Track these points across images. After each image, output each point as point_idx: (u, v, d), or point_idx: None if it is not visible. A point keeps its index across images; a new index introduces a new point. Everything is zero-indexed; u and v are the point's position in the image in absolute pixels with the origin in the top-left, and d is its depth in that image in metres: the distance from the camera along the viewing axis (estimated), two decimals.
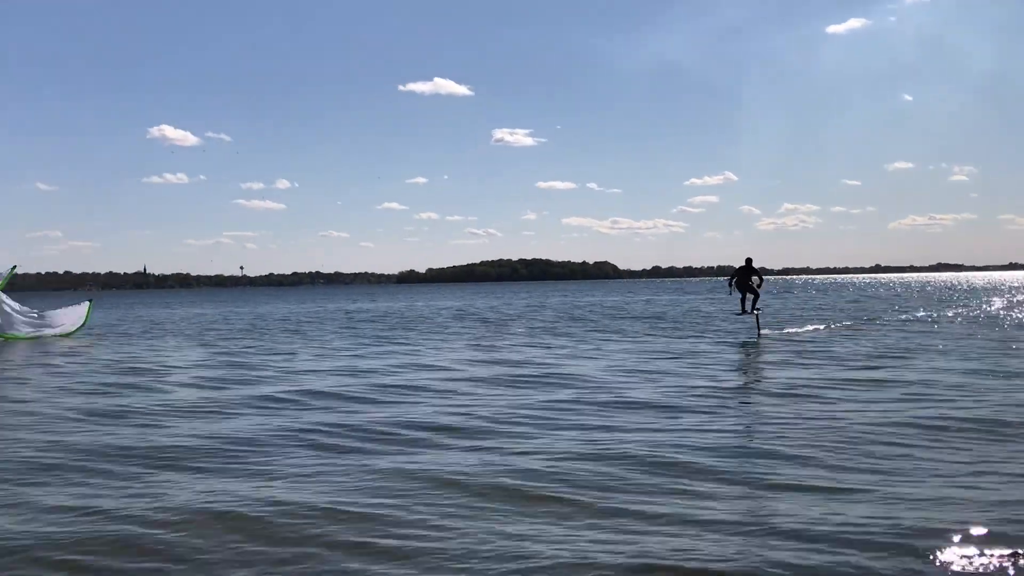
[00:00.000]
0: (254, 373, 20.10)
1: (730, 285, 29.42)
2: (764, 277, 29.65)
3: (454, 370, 19.95)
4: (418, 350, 25.90)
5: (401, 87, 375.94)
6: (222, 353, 26.37)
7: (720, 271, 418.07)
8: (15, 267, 34.32)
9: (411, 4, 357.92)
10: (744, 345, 25.20)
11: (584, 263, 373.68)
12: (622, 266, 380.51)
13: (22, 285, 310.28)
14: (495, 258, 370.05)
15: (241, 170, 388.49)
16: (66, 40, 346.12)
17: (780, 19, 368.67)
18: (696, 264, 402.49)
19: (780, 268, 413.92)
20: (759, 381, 17.02)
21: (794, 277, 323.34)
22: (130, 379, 19.51)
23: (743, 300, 29.14)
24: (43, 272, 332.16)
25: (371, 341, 30.60)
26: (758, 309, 29.57)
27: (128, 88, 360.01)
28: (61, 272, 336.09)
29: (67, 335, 36.33)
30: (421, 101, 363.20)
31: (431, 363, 21.70)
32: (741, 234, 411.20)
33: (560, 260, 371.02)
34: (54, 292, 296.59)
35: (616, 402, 14.25)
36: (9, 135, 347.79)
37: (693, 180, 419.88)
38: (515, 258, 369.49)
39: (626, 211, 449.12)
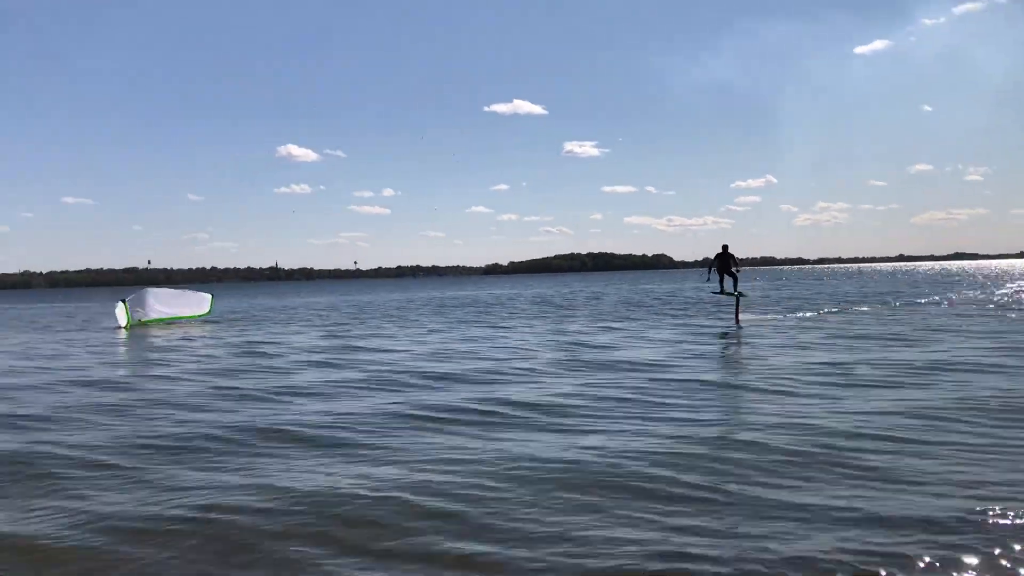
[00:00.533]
0: (359, 356, 19.75)
1: (709, 271, 26.56)
2: (742, 267, 26.51)
3: (530, 352, 19.27)
4: (499, 333, 25.33)
5: (485, 108, 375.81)
6: (334, 336, 26.22)
7: (763, 262, 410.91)
8: (124, 300, 35.17)
9: (493, 36, 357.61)
10: (778, 327, 24.00)
11: (644, 255, 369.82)
12: (677, 258, 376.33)
13: (176, 279, 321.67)
14: (567, 252, 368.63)
15: (353, 181, 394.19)
16: (210, 73, 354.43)
17: (814, 43, 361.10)
18: (741, 255, 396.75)
19: (815, 259, 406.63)
20: (798, 362, 15.88)
21: (827, 266, 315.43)
22: (253, 360, 19.24)
23: (722, 281, 26.38)
24: (193, 268, 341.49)
25: (460, 324, 30.14)
26: (743, 294, 26.77)
27: (260, 114, 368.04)
28: (208, 268, 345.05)
29: (198, 317, 36.71)
30: (502, 120, 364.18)
31: (510, 345, 21.07)
32: (781, 229, 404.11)
33: (623, 253, 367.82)
34: (203, 284, 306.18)
35: (678, 381, 13.31)
36: (166, 155, 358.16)
37: (738, 183, 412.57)
38: (584, 252, 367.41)
39: (680, 210, 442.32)
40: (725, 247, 26.44)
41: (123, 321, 33.70)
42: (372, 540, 6.06)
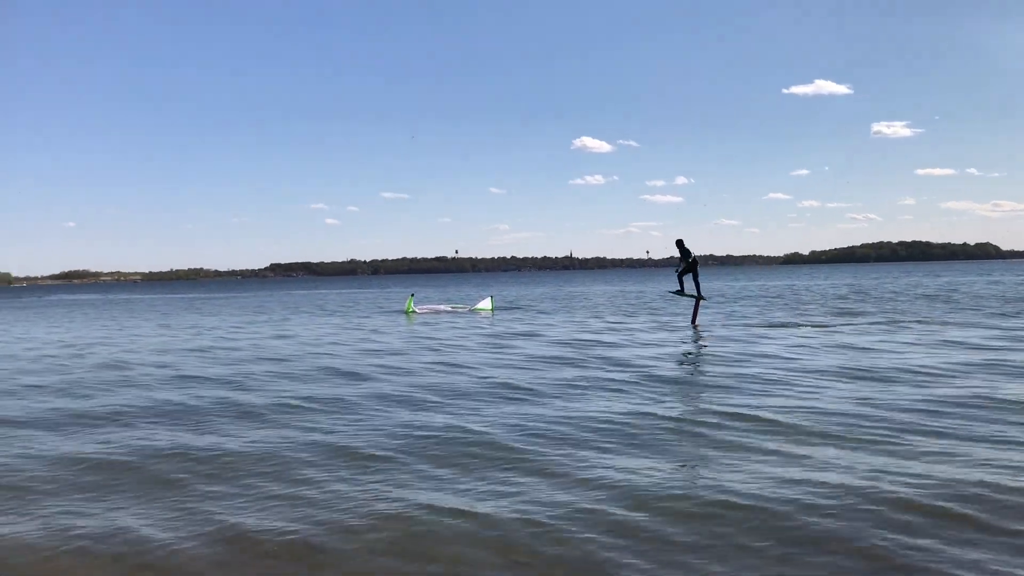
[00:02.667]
0: (614, 353, 19.06)
1: (681, 275, 24.39)
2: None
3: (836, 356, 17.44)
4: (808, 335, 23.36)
5: (784, 91, 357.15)
6: (591, 329, 25.80)
7: None
8: (413, 294, 38.48)
9: (790, 15, 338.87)
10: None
11: (964, 244, 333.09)
12: (1005, 247, 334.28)
13: (480, 267, 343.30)
14: (874, 240, 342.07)
15: (646, 170, 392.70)
16: (510, 75, 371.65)
17: None
18: None
19: None
20: None
21: None
22: (496, 344, 19.34)
23: (682, 280, 24.53)
24: (494, 257, 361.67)
25: (743, 320, 28.39)
26: (704, 298, 25.12)
27: (558, 111, 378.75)
28: (508, 257, 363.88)
29: (479, 310, 38.08)
30: (802, 102, 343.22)
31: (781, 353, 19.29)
32: None
33: (940, 242, 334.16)
34: (503, 272, 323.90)
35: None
36: (472, 154, 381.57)
37: None
38: (894, 240, 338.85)
39: (1009, 194, 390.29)
40: (680, 241, 24.00)
41: (407, 308, 36.88)
42: None
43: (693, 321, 24.48)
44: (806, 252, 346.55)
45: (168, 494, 7.12)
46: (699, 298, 24.64)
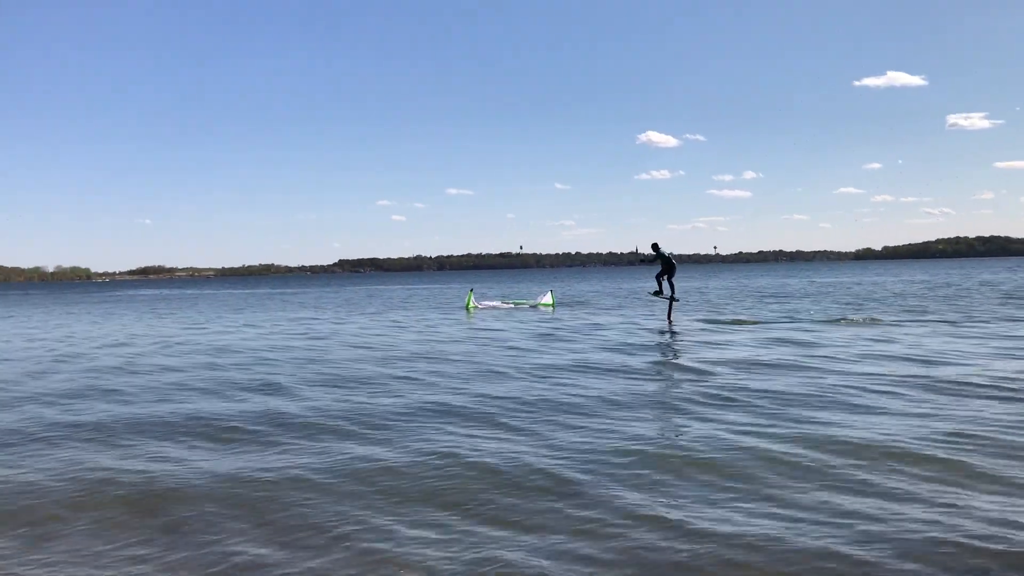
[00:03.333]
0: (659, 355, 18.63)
1: (659, 276, 25.56)
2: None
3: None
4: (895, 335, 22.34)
5: (855, 83, 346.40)
6: (637, 326, 25.45)
7: None
8: (472, 289, 40.98)
9: (862, 3, 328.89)
10: None
11: None
12: None
13: (544, 263, 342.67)
14: (950, 236, 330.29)
15: (713, 165, 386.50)
16: (575, 68, 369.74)
17: None
18: None
19: None
20: None
21: None
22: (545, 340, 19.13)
23: (660, 282, 25.78)
24: (559, 253, 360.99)
25: (807, 317, 27.62)
26: (677, 299, 26.49)
27: (623, 105, 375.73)
28: (573, 253, 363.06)
29: (541, 305, 37.99)
30: (875, 94, 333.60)
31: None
32: None
33: (1019, 237, 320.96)
34: (567, 268, 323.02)
35: None
36: (536, 149, 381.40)
37: None
38: (972, 236, 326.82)
39: None
40: (656, 245, 25.39)
41: (467, 303, 37.36)
42: None
43: (668, 317, 25.73)
44: (879, 248, 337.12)
45: (186, 526, 6.51)
46: (672, 299, 25.90)
